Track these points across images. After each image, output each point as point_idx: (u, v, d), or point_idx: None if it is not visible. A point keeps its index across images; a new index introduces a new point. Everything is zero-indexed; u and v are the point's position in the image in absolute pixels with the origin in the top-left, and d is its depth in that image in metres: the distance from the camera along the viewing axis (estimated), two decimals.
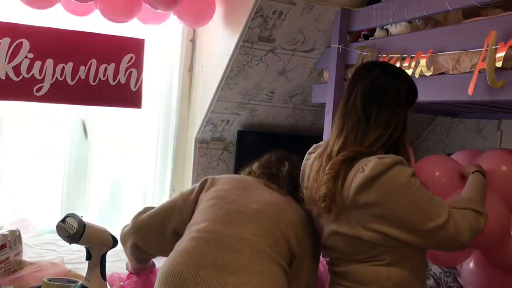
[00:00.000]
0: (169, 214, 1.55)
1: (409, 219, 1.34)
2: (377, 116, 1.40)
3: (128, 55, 2.61)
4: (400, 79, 1.45)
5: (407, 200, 1.34)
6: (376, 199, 1.33)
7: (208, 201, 1.49)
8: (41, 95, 2.41)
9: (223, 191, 1.51)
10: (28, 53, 2.36)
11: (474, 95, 1.77)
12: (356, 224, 1.37)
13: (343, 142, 1.41)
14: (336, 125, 1.45)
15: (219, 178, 1.58)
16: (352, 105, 1.42)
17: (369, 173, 1.32)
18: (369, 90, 1.42)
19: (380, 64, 1.57)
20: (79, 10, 2.55)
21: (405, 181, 1.34)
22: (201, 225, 1.42)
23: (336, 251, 1.47)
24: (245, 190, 1.52)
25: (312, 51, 2.69)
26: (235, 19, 2.57)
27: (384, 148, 1.42)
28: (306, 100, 2.95)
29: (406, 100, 1.44)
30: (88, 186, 2.95)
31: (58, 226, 1.47)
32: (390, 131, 1.40)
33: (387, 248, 1.38)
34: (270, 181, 1.57)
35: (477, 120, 2.96)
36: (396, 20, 2.24)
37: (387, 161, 1.34)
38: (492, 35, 1.69)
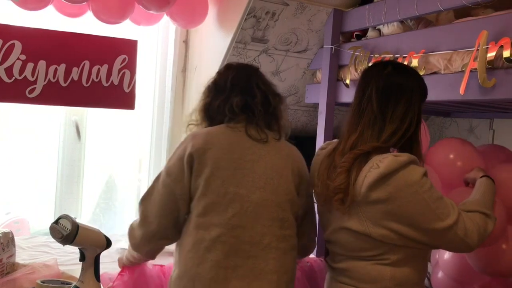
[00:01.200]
0: (176, 207, 1.49)
1: (419, 218, 1.36)
2: (393, 111, 1.43)
3: (121, 56, 2.60)
4: (413, 76, 1.50)
5: (418, 198, 1.36)
6: (387, 196, 1.35)
7: (206, 193, 1.45)
8: (34, 97, 2.40)
9: (219, 179, 1.45)
10: (20, 55, 2.35)
11: (465, 94, 1.79)
12: (367, 220, 1.39)
13: (357, 137, 1.43)
14: (349, 122, 1.48)
15: (204, 153, 1.47)
16: (367, 103, 1.45)
17: (383, 169, 1.35)
18: (385, 88, 1.45)
19: (392, 63, 1.61)
20: (71, 12, 2.55)
21: (417, 179, 1.37)
22: (212, 233, 1.44)
23: (340, 246, 1.49)
24: (239, 167, 1.48)
25: (305, 51, 2.70)
26: (228, 20, 2.57)
27: (399, 143, 1.45)
28: (299, 101, 2.96)
29: (419, 96, 1.48)
30: (82, 187, 2.94)
31: (51, 227, 1.47)
32: (406, 125, 1.43)
33: (393, 247, 1.40)
34: (254, 129, 1.53)
35: (469, 119, 2.98)
36: (388, 21, 2.26)
37: (402, 159, 1.37)
38: (483, 35, 1.71)
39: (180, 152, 1.50)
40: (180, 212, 1.50)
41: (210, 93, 1.61)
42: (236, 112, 1.54)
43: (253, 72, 1.64)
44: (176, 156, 1.51)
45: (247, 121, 1.54)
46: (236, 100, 1.54)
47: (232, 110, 1.54)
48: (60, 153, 2.86)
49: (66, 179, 2.88)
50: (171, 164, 1.52)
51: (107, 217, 3.15)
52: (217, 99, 1.57)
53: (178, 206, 1.49)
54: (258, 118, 1.54)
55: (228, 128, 1.53)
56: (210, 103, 1.59)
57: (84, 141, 2.91)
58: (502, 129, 2.82)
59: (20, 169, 2.88)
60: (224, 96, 1.56)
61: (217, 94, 1.58)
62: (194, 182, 1.47)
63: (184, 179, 1.48)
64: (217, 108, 1.56)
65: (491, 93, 1.72)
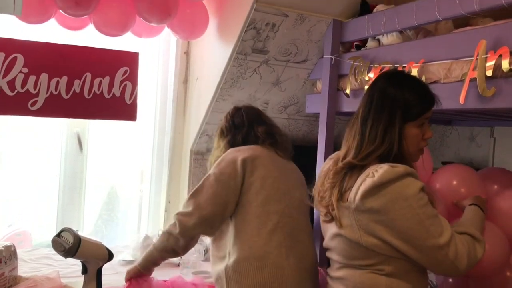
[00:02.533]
0: (227, 198, 1.78)
1: (411, 232, 1.34)
2: (371, 129, 1.41)
3: (122, 68, 2.62)
4: (403, 89, 1.44)
5: (412, 212, 1.33)
6: (381, 206, 1.34)
7: (264, 187, 1.78)
8: (36, 109, 2.41)
9: (271, 178, 1.81)
10: (22, 68, 2.36)
11: (465, 103, 1.79)
12: (359, 229, 1.38)
13: (346, 151, 1.48)
14: (346, 132, 1.54)
15: (255, 160, 1.82)
16: (356, 116, 1.49)
17: (378, 179, 1.33)
18: (369, 101, 1.45)
19: (389, 73, 1.58)
20: (73, 25, 2.57)
21: (414, 193, 1.34)
22: (273, 219, 1.75)
23: (337, 254, 1.50)
24: (281, 171, 1.88)
25: (305, 62, 2.72)
26: (229, 32, 2.59)
27: (380, 161, 1.41)
28: (300, 110, 2.97)
29: (405, 113, 1.42)
30: (84, 198, 2.95)
31: (53, 240, 1.47)
32: (386, 146, 1.40)
33: (387, 258, 1.39)
34: (279, 150, 1.94)
35: (470, 127, 2.98)
36: (387, 31, 2.27)
37: (399, 170, 1.35)
38: (482, 45, 1.72)
39: (230, 158, 1.83)
40: (229, 204, 1.78)
41: (229, 131, 1.97)
42: (262, 138, 1.92)
43: (259, 110, 2.07)
44: (226, 162, 1.82)
45: (271, 144, 1.92)
46: (260, 129, 1.95)
47: (258, 137, 1.93)
48: (62, 164, 2.87)
49: (68, 191, 2.88)
50: (222, 167, 1.82)
51: (109, 228, 3.15)
52: (239, 133, 1.95)
53: (229, 197, 1.78)
54: (280, 142, 1.96)
55: (262, 147, 1.91)
56: (234, 138, 1.95)
57: (86, 153, 2.92)
58: (503, 137, 2.82)
59: (22, 181, 2.89)
60: (245, 129, 1.95)
61: (237, 130, 1.96)
62: (248, 179, 1.79)
63: (237, 176, 1.78)
64: (242, 140, 1.93)
65: (491, 102, 1.72)
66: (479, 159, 2.07)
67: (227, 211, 1.80)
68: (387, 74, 1.57)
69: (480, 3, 1.79)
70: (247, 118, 1.98)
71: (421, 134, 1.47)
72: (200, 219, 1.79)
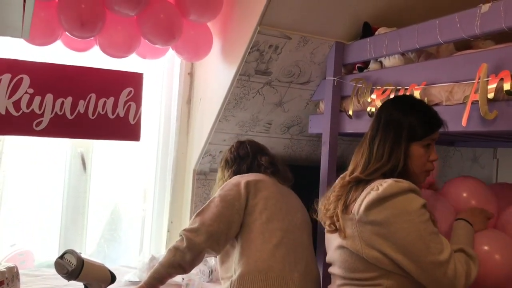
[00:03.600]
0: (232, 218, 1.89)
1: (411, 247, 1.37)
2: (379, 147, 1.50)
3: (127, 89, 2.64)
4: (409, 112, 1.55)
5: (413, 228, 1.37)
6: (383, 219, 1.38)
7: (267, 207, 1.91)
8: (41, 130, 2.43)
9: (273, 199, 1.95)
10: (28, 89, 2.39)
11: (467, 126, 1.80)
12: (361, 240, 1.42)
13: (353, 168, 1.56)
14: (355, 151, 1.63)
15: (257, 183, 1.96)
16: (365, 136, 1.60)
17: (382, 192, 1.38)
18: (377, 122, 1.56)
19: (398, 97, 1.76)
20: (79, 46, 2.60)
21: (416, 209, 1.39)
22: (277, 234, 1.86)
23: (339, 267, 1.53)
24: (282, 194, 2.03)
25: (308, 83, 2.74)
26: (232, 53, 2.62)
27: (385, 177, 1.48)
28: (303, 131, 2.98)
29: (410, 134, 1.51)
30: (87, 218, 2.95)
31: (56, 262, 1.47)
32: (392, 163, 1.48)
33: (387, 273, 1.41)
34: (280, 178, 2.11)
35: (473, 148, 2.99)
36: (389, 53, 2.29)
37: (403, 185, 1.40)
38: (483, 68, 1.73)
39: (235, 182, 1.98)
40: (233, 224, 1.89)
41: (234, 162, 2.14)
42: (265, 166, 2.09)
43: (261, 144, 2.27)
44: (231, 185, 1.97)
45: (273, 172, 2.09)
46: (264, 158, 2.12)
47: (261, 165, 2.10)
48: (65, 184, 2.88)
49: (71, 211, 2.88)
50: (226, 189, 1.96)
51: (112, 248, 3.14)
52: (244, 163, 2.12)
53: (233, 217, 1.89)
54: (281, 171, 2.13)
55: (265, 174, 2.07)
56: (239, 167, 2.11)
57: (89, 173, 2.92)
58: (506, 158, 2.82)
59: (26, 201, 2.89)
60: (250, 159, 2.12)
61: (242, 160, 2.13)
62: (251, 201, 1.91)
63: (241, 198, 1.91)
64: (247, 169, 2.10)
65: (493, 125, 1.73)
66: (482, 180, 2.07)
67: (231, 231, 1.89)
68: (395, 99, 1.70)
69: (481, 26, 1.81)
70: (251, 150, 2.16)
71: (427, 155, 1.55)
72: (207, 234, 1.87)
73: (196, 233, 1.87)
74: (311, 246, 1.99)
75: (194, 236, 1.86)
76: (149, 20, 2.51)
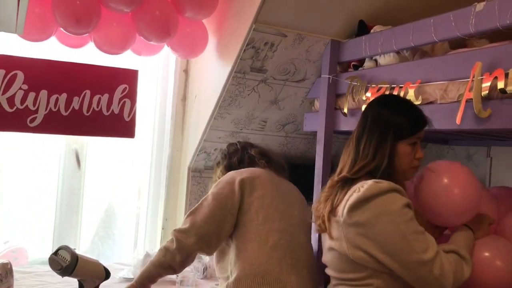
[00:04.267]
0: (224, 218, 1.83)
1: (394, 247, 1.38)
2: (365, 146, 1.53)
3: (121, 85, 2.63)
4: (395, 111, 1.56)
5: (395, 227, 1.38)
6: (366, 220, 1.40)
7: (263, 207, 1.84)
8: (35, 126, 2.42)
9: (269, 197, 1.88)
10: (22, 85, 2.38)
11: (462, 124, 1.81)
12: (347, 242, 1.44)
13: (341, 168, 1.58)
14: (343, 150, 1.64)
15: (253, 180, 1.89)
16: (351, 136, 1.61)
17: (363, 193, 1.41)
18: (364, 121, 1.58)
19: (384, 96, 1.77)
20: (73, 43, 2.59)
21: (397, 208, 1.40)
22: (274, 236, 1.80)
23: (331, 268, 1.56)
24: (279, 191, 1.94)
25: (303, 81, 2.74)
26: (228, 51, 2.62)
27: (371, 177, 1.50)
28: (298, 129, 2.98)
29: (397, 132, 1.52)
30: (81, 215, 2.94)
31: (50, 258, 1.46)
32: (376, 161, 1.50)
33: (375, 272, 1.42)
34: (275, 168, 2.05)
35: (466, 147, 3.00)
36: (385, 51, 2.30)
37: (383, 185, 1.42)
38: (478, 66, 1.74)
39: (229, 179, 1.90)
40: (225, 225, 1.82)
41: (225, 158, 2.11)
42: (258, 158, 2.04)
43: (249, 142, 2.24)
44: (224, 182, 1.89)
45: (267, 163, 2.03)
46: (254, 150, 2.09)
47: (253, 157, 2.05)
48: (59, 181, 2.87)
49: (65, 208, 2.87)
50: (219, 187, 1.88)
51: (106, 245, 3.13)
52: (235, 157, 2.08)
53: (225, 217, 1.82)
54: (274, 160, 2.07)
55: (259, 167, 2.01)
56: (230, 161, 2.08)
57: (84, 170, 2.92)
58: (499, 157, 2.84)
59: (20, 198, 2.88)
60: (240, 152, 2.09)
61: (233, 155, 2.09)
62: (247, 199, 1.84)
63: (234, 196, 1.84)
64: (238, 161, 2.06)
65: (487, 123, 1.74)
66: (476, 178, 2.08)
67: (223, 232, 1.83)
68: (381, 98, 1.71)
69: (476, 25, 1.82)
70: (240, 145, 2.15)
71: (413, 153, 1.57)
72: (197, 236, 1.82)
73: (186, 235, 1.82)
74: (310, 246, 1.94)
75: (184, 237, 1.82)
76: (144, 16, 2.50)
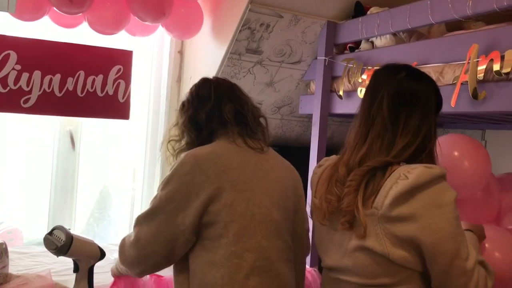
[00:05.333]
0: (174, 237, 1.38)
1: (441, 246, 1.18)
2: (406, 122, 1.27)
3: (116, 66, 2.61)
4: (428, 84, 1.35)
5: (447, 224, 1.18)
6: (411, 212, 1.17)
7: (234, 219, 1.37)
8: (29, 107, 2.40)
9: (243, 202, 1.39)
10: (15, 65, 2.35)
11: (456, 106, 1.81)
12: (385, 239, 1.20)
13: (366, 151, 1.28)
14: (356, 132, 1.33)
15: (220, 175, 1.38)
16: (377, 111, 1.30)
17: (413, 180, 1.17)
18: (397, 95, 1.29)
19: (406, 67, 1.40)
20: (67, 22, 2.56)
21: (449, 202, 1.20)
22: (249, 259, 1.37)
23: (355, 273, 1.26)
24: (254, 186, 1.42)
25: (299, 63, 2.73)
26: (223, 31, 2.60)
27: (413, 159, 1.26)
28: (293, 111, 2.98)
29: (435, 105, 1.33)
30: (76, 197, 2.94)
31: (45, 238, 1.47)
32: (420, 138, 1.27)
33: (412, 274, 1.23)
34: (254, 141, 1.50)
35: (461, 130, 3.01)
36: (381, 33, 2.29)
37: (436, 171, 1.20)
38: (474, 49, 1.74)
39: (185, 177, 1.38)
40: (177, 243, 1.38)
41: (191, 105, 1.53)
42: (229, 121, 1.48)
43: (232, 83, 1.62)
44: (179, 181, 1.38)
45: (242, 131, 1.49)
46: (227, 108, 1.49)
47: (224, 119, 1.48)
48: (54, 162, 2.86)
49: (60, 189, 2.87)
50: (172, 188, 1.39)
51: (101, 226, 3.14)
52: (202, 109, 1.50)
53: (176, 237, 1.37)
54: (252, 126, 1.51)
55: (230, 144, 1.46)
56: (196, 114, 1.51)
57: (78, 151, 2.91)
58: (494, 140, 2.85)
59: (14, 179, 2.87)
60: (211, 105, 1.50)
61: (201, 104, 1.51)
62: (212, 207, 1.36)
63: (190, 208, 1.36)
64: (205, 118, 1.49)
65: (482, 105, 1.75)
66: None
67: (173, 255, 1.41)
68: (404, 68, 1.38)
69: (473, 7, 1.81)
70: (214, 92, 1.53)
71: None
72: (139, 258, 1.44)
73: (131, 249, 1.44)
74: (288, 252, 1.48)
75: (124, 255, 1.48)
76: None
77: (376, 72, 1.43)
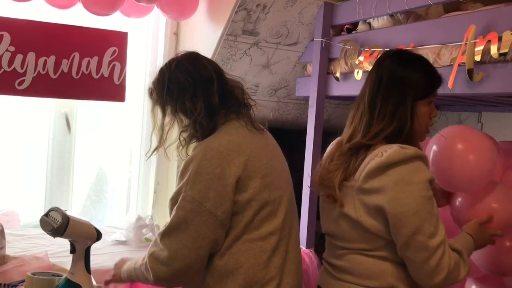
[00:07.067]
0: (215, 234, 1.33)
1: (403, 220, 1.26)
2: (381, 107, 1.36)
3: (111, 48, 2.59)
4: (413, 68, 1.39)
5: (412, 200, 1.26)
6: (382, 185, 1.28)
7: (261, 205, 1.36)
8: (23, 89, 2.39)
9: (267, 188, 1.37)
10: (9, 46, 2.33)
11: (453, 88, 1.81)
12: (360, 208, 1.33)
13: (352, 132, 1.41)
14: (350, 115, 1.45)
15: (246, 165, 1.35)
16: (361, 96, 1.42)
17: (386, 158, 1.28)
18: (377, 80, 1.38)
19: (395, 52, 1.49)
20: (61, 3, 2.53)
21: (419, 181, 1.28)
22: (272, 241, 1.37)
23: (340, 238, 1.42)
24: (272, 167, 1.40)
25: (296, 44, 2.71)
26: (219, 13, 2.57)
27: (389, 141, 1.35)
28: (290, 94, 2.97)
29: (416, 91, 1.37)
30: (72, 179, 2.94)
31: (41, 220, 1.46)
32: (395, 123, 1.35)
33: (389, 242, 1.32)
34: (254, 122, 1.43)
35: (458, 112, 3.01)
36: (378, 14, 2.27)
37: (409, 152, 1.29)
38: (471, 30, 1.73)
39: (214, 171, 1.32)
40: (220, 238, 1.35)
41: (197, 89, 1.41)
42: (235, 103, 1.42)
43: (199, 56, 1.48)
44: (208, 176, 1.32)
45: (247, 112, 1.45)
46: (214, 99, 1.39)
47: (233, 102, 1.42)
48: (50, 145, 2.85)
49: (56, 172, 2.87)
50: (203, 186, 1.32)
51: (98, 209, 3.15)
52: (211, 92, 1.40)
53: (219, 233, 1.34)
54: (247, 107, 1.45)
55: (242, 129, 1.40)
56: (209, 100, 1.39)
57: (74, 134, 2.90)
58: (490, 122, 2.85)
59: (10, 162, 2.87)
60: (216, 85, 1.41)
61: (208, 87, 1.41)
62: (240, 196, 1.34)
63: (225, 202, 1.32)
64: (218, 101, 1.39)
65: (479, 87, 1.74)
66: None
67: (215, 250, 1.37)
68: (394, 54, 1.48)
69: None
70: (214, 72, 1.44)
71: (429, 113, 1.43)
72: (182, 270, 1.34)
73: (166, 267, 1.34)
74: (297, 221, 1.53)
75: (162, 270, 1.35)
76: None
77: None
